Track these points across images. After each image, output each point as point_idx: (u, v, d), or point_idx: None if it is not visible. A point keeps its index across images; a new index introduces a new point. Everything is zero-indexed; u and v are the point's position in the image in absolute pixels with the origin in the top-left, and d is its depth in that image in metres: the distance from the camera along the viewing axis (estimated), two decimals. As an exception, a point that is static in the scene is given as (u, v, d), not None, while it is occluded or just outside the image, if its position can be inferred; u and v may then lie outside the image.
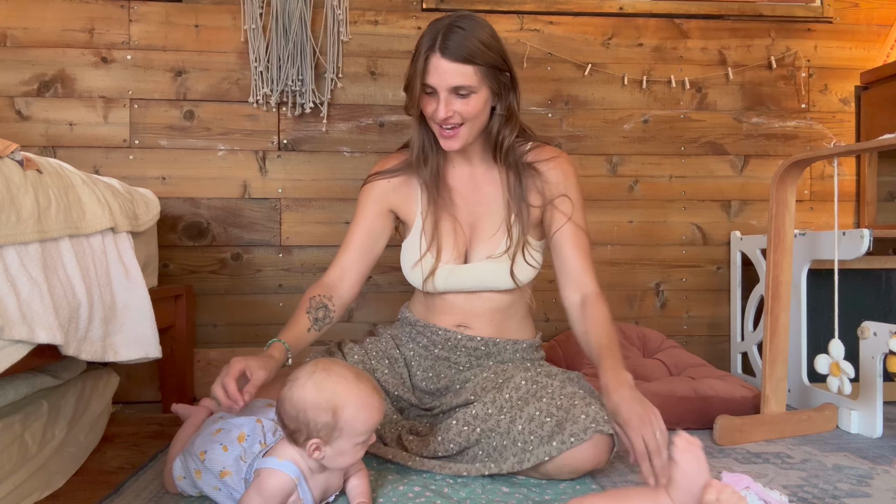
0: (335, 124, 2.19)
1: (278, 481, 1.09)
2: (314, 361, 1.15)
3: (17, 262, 1.05)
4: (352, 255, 1.56)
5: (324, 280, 1.54)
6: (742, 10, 2.32)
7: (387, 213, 1.59)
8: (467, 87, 1.38)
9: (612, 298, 2.30)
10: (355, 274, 1.56)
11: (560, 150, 1.57)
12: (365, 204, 1.58)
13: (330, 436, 1.08)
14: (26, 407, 1.26)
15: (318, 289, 1.51)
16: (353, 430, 1.08)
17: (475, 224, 1.55)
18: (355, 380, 1.11)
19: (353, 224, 1.58)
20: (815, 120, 2.36)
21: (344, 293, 1.54)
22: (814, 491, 1.32)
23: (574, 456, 1.27)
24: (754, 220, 2.35)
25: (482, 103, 1.42)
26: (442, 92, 1.38)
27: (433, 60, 1.37)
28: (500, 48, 1.43)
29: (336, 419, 1.07)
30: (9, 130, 2.05)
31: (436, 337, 1.55)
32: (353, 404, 1.08)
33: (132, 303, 1.39)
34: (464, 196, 1.56)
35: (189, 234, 2.15)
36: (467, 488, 1.28)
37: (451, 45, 1.36)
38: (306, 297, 1.49)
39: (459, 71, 1.37)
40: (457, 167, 1.58)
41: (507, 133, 1.49)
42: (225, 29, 2.15)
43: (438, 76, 1.37)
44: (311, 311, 1.47)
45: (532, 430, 1.30)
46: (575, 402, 1.31)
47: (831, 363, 1.67)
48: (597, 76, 2.29)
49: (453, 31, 1.37)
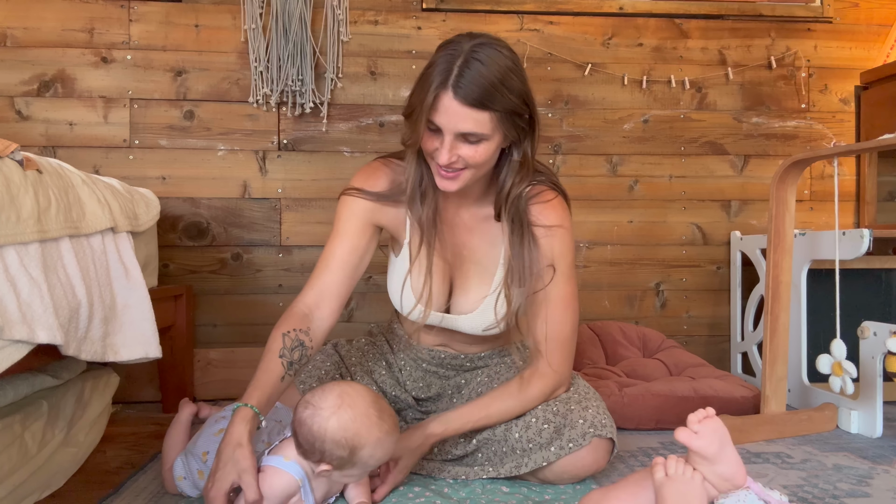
0: (335, 124, 2.19)
1: (282, 481, 1.09)
2: (340, 391, 1.12)
3: (17, 262, 1.05)
4: (333, 276, 1.32)
5: (297, 307, 1.30)
6: (742, 10, 2.32)
7: (372, 228, 1.37)
8: (478, 135, 1.18)
9: (612, 298, 2.30)
10: (336, 299, 1.33)
11: (561, 201, 1.35)
12: (347, 217, 1.35)
13: (342, 467, 1.10)
14: (26, 407, 1.26)
15: (292, 321, 1.27)
16: (367, 465, 1.11)
17: (461, 272, 1.40)
18: (378, 420, 1.10)
19: (334, 240, 1.35)
20: (815, 120, 2.36)
21: (323, 322, 1.31)
22: (814, 491, 1.31)
23: (573, 462, 1.27)
24: (754, 220, 2.35)
25: (492, 150, 1.23)
26: (448, 135, 1.18)
27: (444, 99, 1.15)
28: (523, 89, 1.21)
29: (352, 456, 1.09)
30: (9, 130, 2.05)
31: (421, 354, 1.51)
32: (371, 445, 1.09)
33: (132, 303, 1.39)
34: (454, 240, 1.40)
35: (189, 234, 2.15)
36: (467, 488, 1.28)
37: (466, 83, 1.14)
38: (277, 333, 1.26)
39: (472, 116, 1.16)
40: (451, 207, 1.39)
41: (516, 181, 1.29)
42: (225, 29, 2.15)
43: (447, 118, 1.17)
44: (286, 353, 1.24)
45: (530, 438, 1.29)
46: (571, 407, 1.30)
47: (833, 363, 1.67)
48: (597, 76, 2.29)
49: (470, 66, 1.14)
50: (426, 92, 1.17)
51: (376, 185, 1.36)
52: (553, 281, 1.31)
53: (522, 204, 1.31)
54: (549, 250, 1.32)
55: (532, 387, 1.31)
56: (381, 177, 1.37)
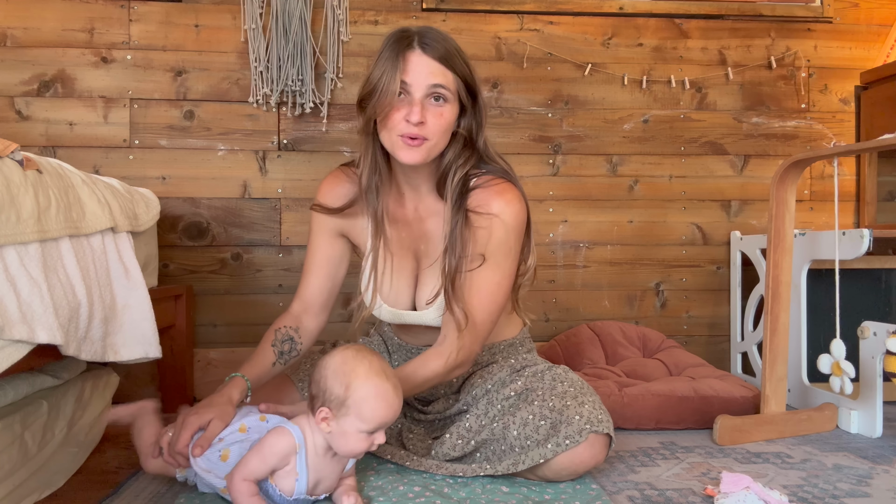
0: (335, 124, 2.19)
1: (281, 439, 1.11)
2: (355, 345, 1.18)
3: (17, 262, 1.05)
4: (314, 284, 1.47)
5: (290, 310, 1.48)
6: (742, 10, 2.32)
7: (341, 238, 1.48)
8: (445, 90, 1.26)
9: (612, 298, 2.30)
10: (319, 305, 1.47)
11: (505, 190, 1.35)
12: (318, 231, 1.47)
13: (338, 410, 1.10)
14: (26, 407, 1.26)
15: (285, 320, 1.45)
16: (360, 413, 1.09)
17: (423, 267, 1.43)
18: (380, 371, 1.12)
19: (310, 252, 1.48)
20: (815, 120, 2.36)
21: (310, 325, 1.47)
22: (814, 491, 1.32)
23: (571, 458, 1.26)
24: (754, 220, 2.35)
25: (452, 117, 1.30)
26: (418, 93, 1.25)
27: (412, 57, 1.25)
28: (470, 67, 1.32)
29: (347, 395, 1.09)
30: (9, 130, 2.05)
31: (410, 354, 1.53)
32: (366, 387, 1.09)
33: (132, 303, 1.39)
34: (410, 232, 1.43)
35: (189, 234, 2.15)
36: (467, 488, 1.28)
37: (431, 42, 1.26)
38: (272, 328, 1.44)
39: (440, 70, 1.26)
40: (405, 196, 1.44)
41: (460, 163, 1.35)
42: (225, 29, 2.15)
43: (418, 73, 1.25)
44: (277, 343, 1.41)
45: (528, 435, 1.29)
46: (567, 403, 1.30)
47: (833, 363, 1.67)
48: (597, 76, 2.29)
49: (428, 33, 1.27)
50: (392, 59, 1.24)
51: (337, 196, 1.44)
52: (480, 267, 1.34)
53: (465, 188, 1.36)
54: (481, 239, 1.34)
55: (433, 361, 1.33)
56: (341, 186, 1.45)
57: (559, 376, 1.38)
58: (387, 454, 1.38)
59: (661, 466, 1.46)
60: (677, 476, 1.40)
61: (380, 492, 1.25)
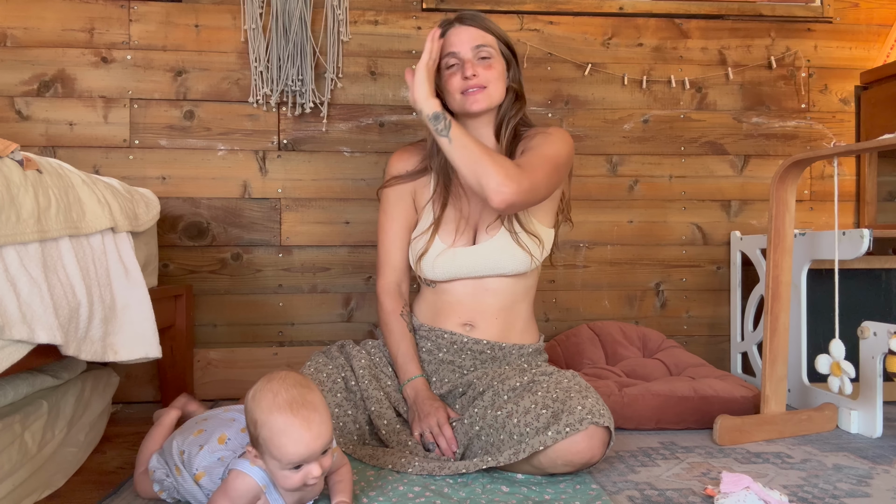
0: (335, 124, 2.19)
1: (244, 484, 1.06)
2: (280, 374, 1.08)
3: (17, 262, 1.05)
4: (400, 249, 1.62)
5: (389, 288, 1.61)
6: (742, 10, 2.32)
7: (412, 203, 1.64)
8: (488, 48, 1.51)
9: (612, 298, 2.30)
10: (406, 268, 1.63)
11: (552, 127, 1.59)
12: (393, 202, 1.63)
13: (260, 450, 1.04)
14: (26, 407, 1.26)
15: (396, 302, 1.60)
16: (271, 451, 1.02)
17: (482, 216, 1.58)
18: (285, 404, 1.01)
19: (387, 225, 1.63)
20: (815, 120, 2.36)
21: (405, 289, 1.64)
22: (814, 491, 1.32)
23: (568, 447, 1.26)
24: (754, 220, 2.35)
25: (501, 70, 1.54)
26: (466, 55, 1.50)
27: (455, 29, 1.52)
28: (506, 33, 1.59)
29: (257, 432, 1.03)
30: (9, 130, 2.05)
31: (441, 340, 1.55)
32: (269, 424, 1.01)
33: (132, 303, 1.39)
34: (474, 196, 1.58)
35: (189, 234, 2.15)
36: (467, 488, 1.28)
37: (469, 16, 1.54)
38: (395, 314, 1.58)
39: (480, 35, 1.52)
40: None
41: (514, 112, 1.57)
42: (225, 29, 2.15)
43: (462, 41, 1.51)
44: (409, 325, 1.58)
45: (528, 423, 1.30)
46: (571, 395, 1.31)
47: (832, 363, 1.67)
48: (597, 76, 2.29)
49: (465, 12, 1.57)
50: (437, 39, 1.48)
51: (407, 164, 1.65)
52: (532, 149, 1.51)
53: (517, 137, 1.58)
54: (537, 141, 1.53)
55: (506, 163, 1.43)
56: (409, 155, 1.66)
57: (566, 377, 1.41)
58: (388, 464, 1.38)
59: (661, 466, 1.46)
60: (677, 476, 1.40)
61: (380, 492, 1.26)
